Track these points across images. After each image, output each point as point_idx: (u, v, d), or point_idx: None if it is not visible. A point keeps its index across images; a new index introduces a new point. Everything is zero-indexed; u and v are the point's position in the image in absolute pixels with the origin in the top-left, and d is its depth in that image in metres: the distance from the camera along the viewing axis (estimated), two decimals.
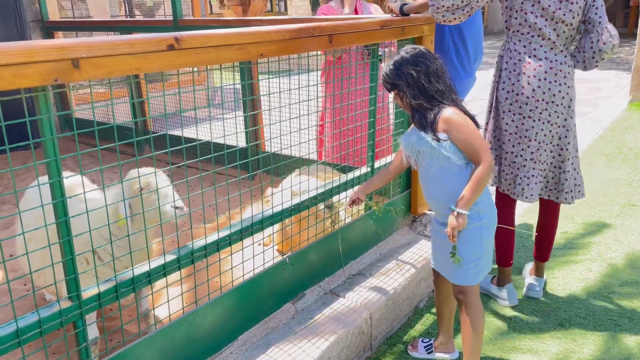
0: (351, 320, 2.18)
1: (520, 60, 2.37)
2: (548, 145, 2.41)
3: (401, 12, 2.59)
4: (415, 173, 2.92)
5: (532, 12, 2.31)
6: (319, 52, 2.30)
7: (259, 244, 2.94)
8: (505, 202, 2.55)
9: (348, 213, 2.66)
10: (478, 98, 7.36)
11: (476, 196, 1.84)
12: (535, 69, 2.33)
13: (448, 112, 1.83)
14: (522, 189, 2.45)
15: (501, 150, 2.48)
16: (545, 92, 2.33)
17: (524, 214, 3.67)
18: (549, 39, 2.31)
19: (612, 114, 6.66)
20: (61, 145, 1.41)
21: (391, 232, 2.92)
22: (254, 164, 3.89)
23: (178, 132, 4.81)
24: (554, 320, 2.52)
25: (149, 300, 2.21)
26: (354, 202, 2.22)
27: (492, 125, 2.51)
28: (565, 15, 2.28)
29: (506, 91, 2.41)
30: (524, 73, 2.35)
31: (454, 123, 1.81)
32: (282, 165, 2.61)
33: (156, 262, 1.74)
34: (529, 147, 2.40)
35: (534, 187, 2.45)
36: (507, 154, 2.45)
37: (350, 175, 2.59)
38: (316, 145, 3.83)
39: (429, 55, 1.89)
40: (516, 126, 2.41)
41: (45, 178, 1.46)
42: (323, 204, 2.48)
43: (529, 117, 2.38)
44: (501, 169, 2.50)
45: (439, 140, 1.83)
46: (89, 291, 1.57)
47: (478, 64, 3.21)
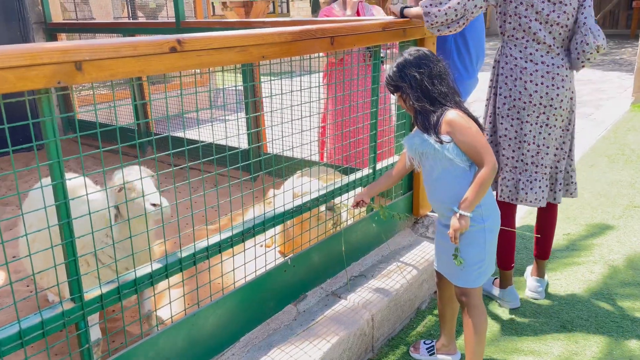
0: (353, 322, 2.19)
1: (516, 65, 2.36)
2: (549, 148, 2.40)
3: (401, 15, 2.60)
4: (417, 175, 2.92)
5: (526, 17, 2.30)
6: (320, 54, 2.31)
7: (260, 246, 2.94)
8: (506, 206, 2.55)
9: (350, 215, 2.66)
10: (480, 99, 7.36)
11: (479, 198, 1.84)
12: (532, 74, 2.33)
13: (451, 115, 1.83)
14: (526, 193, 2.44)
15: (500, 157, 2.48)
16: (542, 97, 2.33)
17: (526, 216, 3.67)
18: (544, 43, 2.31)
19: (615, 115, 6.65)
20: (64, 146, 1.42)
21: (393, 234, 2.92)
22: (256, 166, 3.90)
23: (180, 134, 4.82)
24: (556, 322, 2.52)
25: (151, 301, 2.22)
26: (357, 205, 2.22)
27: (490, 131, 2.51)
28: (559, 17, 2.27)
29: (503, 97, 2.41)
30: (520, 78, 2.35)
31: (457, 125, 1.82)
32: (284, 167, 2.62)
33: (158, 264, 1.75)
34: (528, 152, 2.40)
35: (538, 191, 2.44)
36: (508, 159, 2.44)
37: (352, 176, 2.59)
38: (318, 146, 3.83)
39: (432, 57, 1.90)
40: (515, 131, 2.40)
41: (48, 179, 1.46)
42: (324, 205, 2.48)
43: (526, 122, 2.37)
44: (501, 176, 2.48)
45: (442, 142, 1.83)
46: (91, 292, 1.57)
47: (480, 65, 3.21)
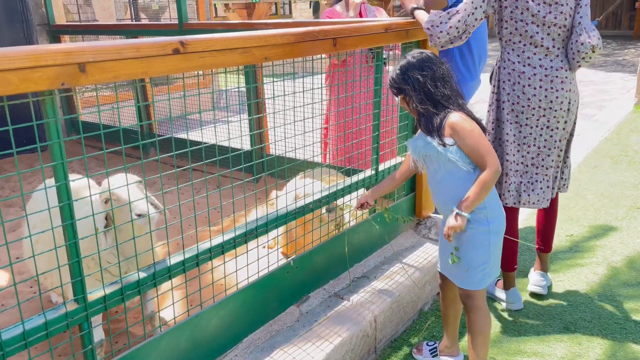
0: (355, 323, 2.18)
1: (514, 70, 2.36)
2: (551, 150, 2.40)
3: (411, 13, 2.58)
4: (420, 176, 2.92)
5: (522, 20, 2.30)
6: (323, 55, 2.31)
7: (263, 247, 2.94)
8: (508, 209, 2.54)
9: (353, 216, 2.66)
10: (483, 100, 7.35)
11: (480, 200, 1.84)
12: (530, 78, 2.33)
13: (454, 117, 1.83)
14: (528, 195, 2.44)
15: (503, 162, 2.48)
16: (541, 100, 2.33)
17: (528, 217, 3.66)
18: (542, 46, 2.31)
19: (618, 117, 6.64)
20: (67, 148, 1.42)
21: (396, 235, 2.92)
22: (258, 167, 3.90)
23: (183, 135, 4.82)
24: (559, 324, 2.51)
25: (155, 302, 2.22)
26: (362, 206, 2.23)
27: (493, 136, 2.51)
28: (556, 18, 2.27)
29: (502, 101, 2.42)
30: (518, 82, 2.36)
31: (460, 128, 1.81)
32: (287, 168, 2.62)
33: (161, 265, 1.75)
34: (528, 153, 2.40)
35: (540, 192, 2.44)
36: (511, 163, 2.44)
37: (355, 178, 2.59)
38: (320, 148, 3.83)
39: (435, 59, 1.90)
40: (514, 134, 2.41)
41: (52, 181, 1.47)
42: (325, 207, 2.48)
43: (526, 125, 2.38)
44: (504, 180, 2.48)
45: (445, 145, 1.83)
46: (94, 293, 1.58)
47: (482, 66, 3.21)
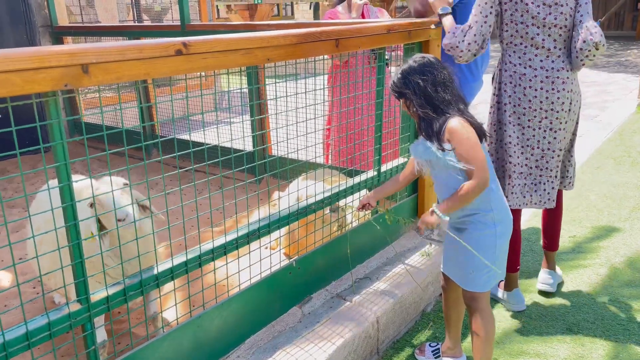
0: (358, 324, 2.18)
1: (515, 72, 2.37)
2: (555, 152, 2.40)
3: (439, 16, 2.55)
4: (422, 178, 2.92)
5: (522, 22, 2.30)
6: (325, 56, 2.31)
7: (265, 248, 2.95)
8: (511, 210, 2.54)
9: (355, 217, 2.66)
10: (485, 102, 7.34)
11: (457, 206, 1.86)
12: (531, 80, 2.33)
13: (453, 123, 1.83)
14: (531, 195, 2.44)
15: (506, 164, 2.47)
16: (542, 102, 2.33)
17: (531, 218, 3.66)
18: (543, 47, 2.31)
19: (621, 117, 6.62)
20: (70, 149, 1.43)
21: (398, 236, 2.92)
22: (261, 168, 3.90)
23: (186, 136, 4.83)
24: (562, 325, 2.51)
25: (157, 303, 2.22)
26: (363, 207, 2.23)
27: (494, 139, 2.51)
28: (556, 19, 2.27)
29: (504, 104, 2.42)
30: (519, 85, 2.36)
31: (456, 135, 1.81)
32: (289, 169, 2.62)
33: (164, 266, 1.76)
34: (532, 156, 2.40)
35: (543, 194, 2.44)
36: (515, 165, 2.44)
37: (357, 178, 2.59)
38: (323, 149, 3.83)
39: (437, 64, 1.90)
40: (517, 137, 2.40)
41: (55, 182, 1.47)
42: (329, 208, 2.48)
43: (528, 127, 2.38)
44: (508, 182, 2.48)
45: (443, 150, 1.84)
46: (97, 294, 1.58)
47: (485, 67, 3.21)
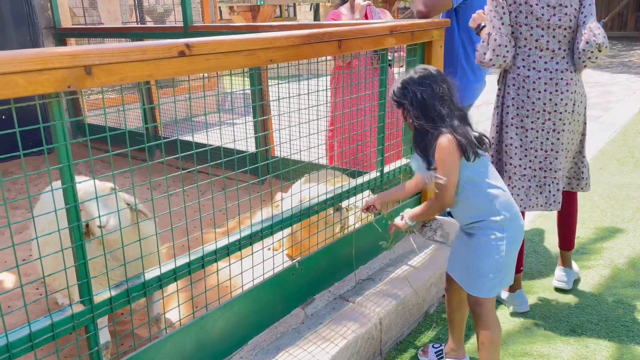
0: (361, 326, 2.18)
1: (519, 74, 2.37)
2: (559, 153, 2.39)
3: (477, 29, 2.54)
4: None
5: (527, 24, 2.30)
6: (328, 57, 2.31)
7: (268, 249, 2.95)
8: None
9: (357, 219, 2.66)
10: (488, 102, 7.33)
11: (421, 218, 2.04)
12: (535, 82, 2.33)
13: (442, 140, 1.83)
14: (536, 198, 2.44)
15: (507, 166, 2.47)
16: (545, 103, 2.33)
17: (535, 219, 3.65)
18: (547, 49, 2.30)
19: (624, 118, 6.61)
20: (73, 150, 1.43)
21: (401, 238, 2.91)
22: (263, 169, 3.91)
23: (189, 138, 4.83)
24: (566, 326, 2.50)
25: (160, 304, 2.22)
26: (368, 209, 2.22)
27: (496, 140, 2.50)
28: (561, 20, 2.27)
29: (506, 106, 2.42)
30: (523, 87, 2.36)
31: (437, 154, 1.84)
32: (292, 170, 2.62)
33: (167, 267, 1.76)
34: (536, 158, 2.40)
35: (548, 195, 2.43)
36: (516, 167, 2.43)
37: (360, 179, 2.59)
38: (326, 150, 3.83)
39: (437, 77, 1.89)
40: (520, 139, 2.40)
41: (59, 183, 1.47)
42: (332, 208, 2.48)
43: (531, 129, 2.38)
44: (508, 184, 2.46)
45: (429, 167, 1.89)
46: (100, 295, 1.58)
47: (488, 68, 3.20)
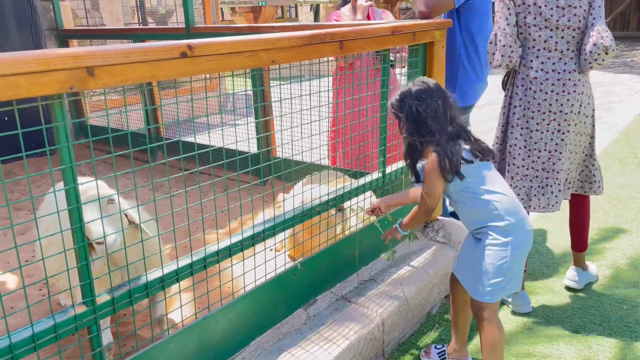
0: (363, 326, 2.18)
1: (527, 75, 2.37)
2: (562, 154, 2.39)
3: None
4: None
5: (536, 25, 2.30)
6: (330, 58, 2.31)
7: (270, 250, 2.95)
8: None
9: (360, 219, 2.66)
10: (490, 102, 7.33)
11: (411, 226, 2.09)
12: (542, 83, 2.33)
13: (430, 157, 1.88)
14: (538, 199, 2.43)
15: (510, 166, 2.46)
16: (551, 104, 2.33)
17: (537, 220, 3.64)
18: (556, 50, 2.31)
19: (626, 118, 6.59)
20: (76, 151, 1.43)
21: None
22: (265, 170, 3.91)
23: (191, 139, 4.84)
24: (569, 327, 2.49)
25: (163, 305, 2.23)
26: (373, 211, 2.23)
27: (500, 140, 2.50)
28: (570, 21, 2.26)
29: (513, 106, 2.42)
30: (530, 88, 2.36)
31: (426, 166, 1.90)
32: (293, 171, 2.62)
33: (169, 268, 1.76)
34: (539, 159, 2.39)
35: (551, 197, 2.43)
36: (519, 167, 2.43)
37: (362, 180, 2.59)
38: (328, 150, 3.83)
39: (434, 92, 1.89)
40: (524, 140, 2.40)
41: (61, 184, 1.47)
42: (334, 209, 2.48)
43: (536, 130, 2.38)
44: (510, 184, 2.46)
45: (417, 180, 2.00)
46: (103, 296, 1.58)
47: (490, 68, 3.20)
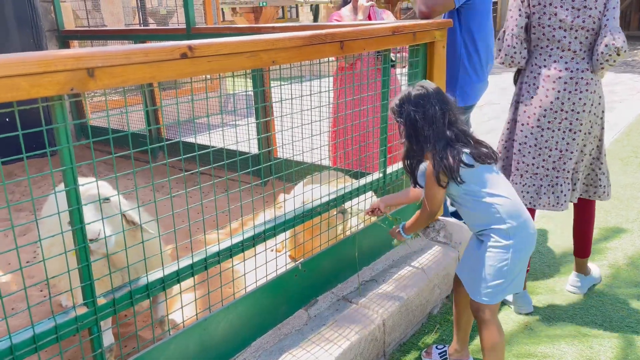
0: (364, 327, 2.18)
1: (539, 74, 2.37)
2: (573, 153, 2.39)
3: None
4: None
5: (550, 26, 2.31)
6: (331, 58, 2.31)
7: (271, 250, 2.94)
8: None
9: (360, 219, 2.65)
10: (490, 102, 7.31)
11: (414, 229, 2.09)
12: (555, 82, 2.33)
13: (429, 164, 1.90)
14: (548, 197, 2.43)
15: (520, 164, 2.46)
16: (564, 103, 2.33)
17: (538, 219, 3.64)
18: (569, 49, 2.31)
19: (628, 118, 6.58)
20: (76, 152, 1.43)
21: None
22: (266, 170, 3.90)
23: (191, 139, 4.84)
24: (570, 327, 2.49)
25: (164, 306, 2.23)
26: (373, 212, 2.23)
27: (507, 137, 2.50)
28: (584, 22, 2.27)
29: (524, 104, 2.42)
30: (542, 86, 2.36)
31: (426, 171, 1.93)
32: (294, 172, 2.62)
33: (170, 269, 1.76)
34: (550, 157, 2.39)
35: (560, 195, 2.43)
36: (528, 166, 2.43)
37: (363, 180, 2.59)
38: (329, 150, 3.83)
39: (432, 97, 1.88)
40: (535, 138, 2.40)
41: (62, 185, 1.47)
42: (336, 209, 2.48)
43: (547, 129, 2.37)
44: (519, 182, 2.46)
45: (415, 184, 2.01)
46: (104, 297, 1.58)
47: (490, 68, 3.20)
